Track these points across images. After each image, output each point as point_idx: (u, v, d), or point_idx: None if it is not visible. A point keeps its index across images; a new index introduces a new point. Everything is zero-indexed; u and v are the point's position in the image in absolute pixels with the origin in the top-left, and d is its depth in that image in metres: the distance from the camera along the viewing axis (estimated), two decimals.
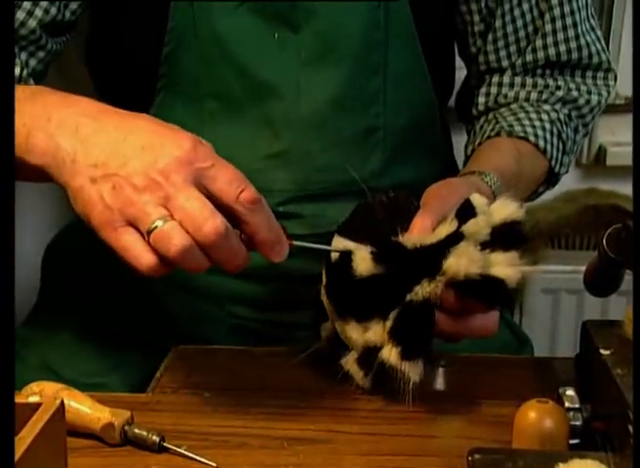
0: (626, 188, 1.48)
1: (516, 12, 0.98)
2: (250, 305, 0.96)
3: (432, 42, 0.95)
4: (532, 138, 0.95)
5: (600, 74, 1.02)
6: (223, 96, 0.90)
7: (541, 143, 0.96)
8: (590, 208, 1.51)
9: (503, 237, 0.72)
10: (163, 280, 0.96)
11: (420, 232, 0.73)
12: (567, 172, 1.02)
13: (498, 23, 0.99)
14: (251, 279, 0.95)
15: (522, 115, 0.98)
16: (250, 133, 0.91)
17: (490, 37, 1.00)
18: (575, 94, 1.01)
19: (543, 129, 0.97)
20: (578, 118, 1.02)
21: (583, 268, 0.81)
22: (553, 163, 0.98)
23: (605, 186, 1.53)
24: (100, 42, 0.98)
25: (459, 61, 1.06)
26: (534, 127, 0.96)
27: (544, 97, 1.00)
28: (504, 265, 0.71)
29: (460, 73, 1.08)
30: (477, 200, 0.74)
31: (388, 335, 0.73)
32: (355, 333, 0.75)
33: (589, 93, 1.01)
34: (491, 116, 1.00)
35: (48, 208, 1.34)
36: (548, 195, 1.51)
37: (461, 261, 0.70)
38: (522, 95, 1.00)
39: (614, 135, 1.31)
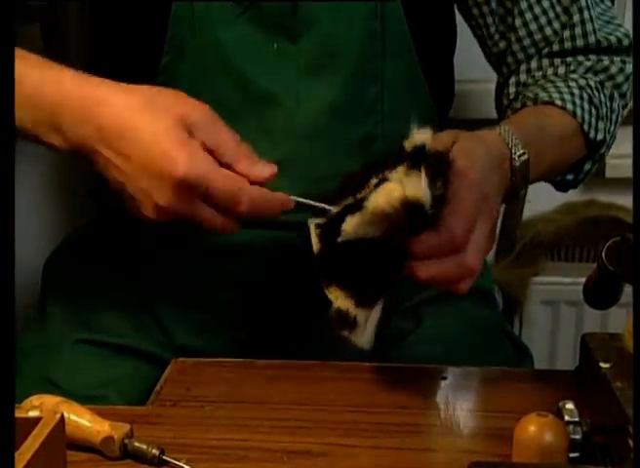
0: (625, 200, 1.48)
1: (537, 9, 0.96)
2: (249, 317, 0.96)
3: (429, 52, 0.95)
4: (558, 102, 0.91)
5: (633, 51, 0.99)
6: (222, 105, 0.90)
7: (570, 106, 0.92)
8: (590, 219, 1.51)
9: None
10: (162, 292, 0.97)
11: None
12: (604, 139, 0.95)
13: (518, 22, 0.97)
14: (249, 291, 0.95)
15: (548, 85, 0.95)
16: (249, 142, 0.91)
17: (513, 37, 0.98)
18: (606, 62, 0.97)
19: (571, 94, 0.93)
20: (613, 87, 0.98)
21: (583, 280, 0.81)
22: (586, 127, 0.93)
23: (604, 198, 1.53)
24: (100, 52, 0.98)
25: (459, 75, 1.06)
26: (560, 92, 0.93)
27: (572, 68, 0.97)
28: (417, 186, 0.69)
29: (462, 86, 1.08)
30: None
31: (330, 281, 0.75)
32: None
33: (623, 62, 0.98)
34: (520, 96, 0.97)
35: (48, 220, 1.34)
36: (548, 206, 1.52)
37: (379, 194, 0.70)
38: (550, 71, 0.97)
39: (613, 147, 1.31)
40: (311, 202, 0.78)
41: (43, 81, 0.78)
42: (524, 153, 0.82)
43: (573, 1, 0.96)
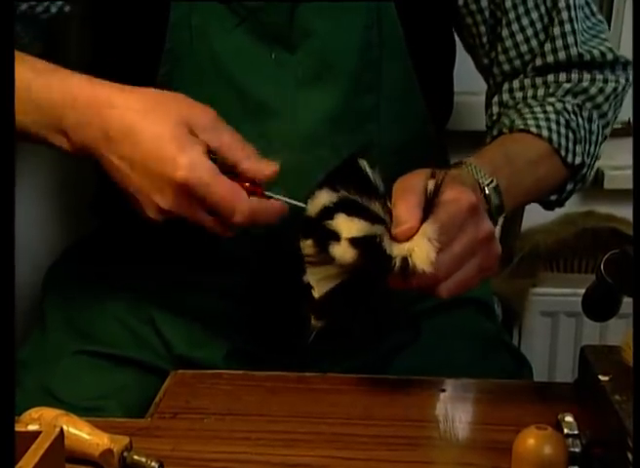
0: (624, 211, 1.48)
1: (524, 21, 0.97)
2: (248, 329, 0.96)
3: (425, 62, 0.96)
4: (533, 129, 0.93)
5: (618, 66, 1.00)
6: (220, 115, 0.90)
7: (545, 133, 0.93)
8: (589, 231, 1.51)
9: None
10: (162, 304, 0.97)
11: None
12: (582, 162, 0.96)
13: (505, 33, 0.98)
14: (249, 302, 0.95)
15: (525, 110, 0.96)
16: None
17: (500, 47, 0.99)
18: (585, 84, 0.98)
19: (547, 119, 0.94)
20: (593, 108, 0.98)
21: (582, 291, 0.81)
22: (563, 152, 0.94)
23: (603, 209, 1.53)
24: (99, 61, 0.98)
25: (459, 86, 1.06)
26: (536, 119, 0.94)
27: (551, 90, 0.98)
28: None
29: (461, 98, 1.08)
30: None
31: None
32: None
33: (605, 81, 0.98)
34: (501, 119, 0.99)
35: (48, 232, 1.34)
36: (547, 218, 1.52)
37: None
38: (529, 93, 0.99)
39: (612, 158, 1.32)
40: (287, 199, 0.80)
41: (50, 85, 0.80)
42: (492, 180, 0.83)
43: (557, 14, 0.96)
